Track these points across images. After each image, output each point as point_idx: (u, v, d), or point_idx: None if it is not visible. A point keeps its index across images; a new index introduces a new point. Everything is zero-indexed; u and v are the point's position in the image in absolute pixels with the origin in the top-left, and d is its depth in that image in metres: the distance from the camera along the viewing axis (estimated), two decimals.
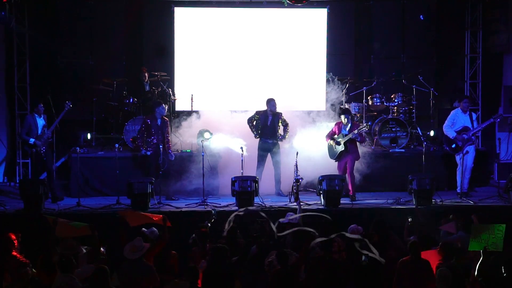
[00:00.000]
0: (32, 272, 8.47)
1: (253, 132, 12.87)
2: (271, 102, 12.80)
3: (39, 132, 12.32)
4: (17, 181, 13.53)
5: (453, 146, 12.72)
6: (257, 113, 12.91)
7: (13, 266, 8.50)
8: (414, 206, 11.66)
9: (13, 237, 8.98)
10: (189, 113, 14.00)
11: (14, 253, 8.81)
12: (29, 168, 13.78)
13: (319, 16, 14.89)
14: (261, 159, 12.82)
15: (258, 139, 12.82)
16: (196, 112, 14.02)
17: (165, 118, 12.88)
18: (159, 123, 12.60)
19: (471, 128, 12.60)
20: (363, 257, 8.30)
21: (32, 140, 12.23)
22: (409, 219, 9.87)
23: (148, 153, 12.49)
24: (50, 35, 14.49)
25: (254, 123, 12.86)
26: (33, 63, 14.30)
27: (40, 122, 12.40)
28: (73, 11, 14.78)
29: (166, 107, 13.36)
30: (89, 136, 13.80)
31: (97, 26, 14.90)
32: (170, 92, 14.34)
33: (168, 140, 12.76)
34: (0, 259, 8.72)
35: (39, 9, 14.35)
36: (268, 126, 12.76)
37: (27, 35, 14.07)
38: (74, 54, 14.86)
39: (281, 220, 9.62)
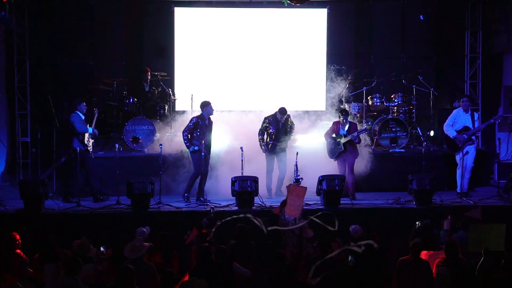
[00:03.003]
0: (28, 271, 8.50)
1: (261, 146, 12.70)
2: (281, 113, 12.62)
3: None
4: (17, 181, 13.50)
5: (453, 146, 12.71)
6: (266, 119, 12.75)
7: (16, 264, 8.52)
8: (414, 206, 11.67)
9: (17, 236, 8.99)
10: (189, 113, 13.97)
11: (18, 251, 8.83)
12: (32, 168, 13.80)
13: (319, 16, 14.91)
14: (271, 161, 12.74)
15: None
16: (196, 112, 14.00)
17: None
18: (207, 123, 12.47)
19: (472, 128, 12.59)
20: (349, 258, 8.26)
21: (91, 129, 12.31)
22: (417, 223, 9.83)
23: (196, 147, 12.29)
24: (50, 36, 14.48)
25: (266, 134, 12.70)
26: (33, 63, 14.26)
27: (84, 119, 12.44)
28: (73, 11, 14.79)
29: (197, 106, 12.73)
30: None
31: (97, 26, 14.91)
32: (170, 92, 14.35)
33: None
34: (1, 258, 8.73)
35: (39, 9, 14.32)
36: (280, 129, 12.70)
37: (27, 35, 14.04)
38: (74, 54, 14.87)
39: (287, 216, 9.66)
